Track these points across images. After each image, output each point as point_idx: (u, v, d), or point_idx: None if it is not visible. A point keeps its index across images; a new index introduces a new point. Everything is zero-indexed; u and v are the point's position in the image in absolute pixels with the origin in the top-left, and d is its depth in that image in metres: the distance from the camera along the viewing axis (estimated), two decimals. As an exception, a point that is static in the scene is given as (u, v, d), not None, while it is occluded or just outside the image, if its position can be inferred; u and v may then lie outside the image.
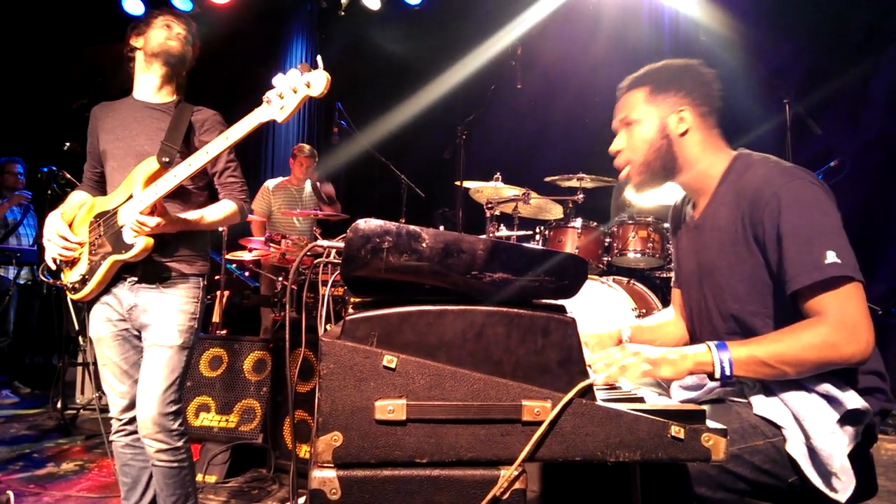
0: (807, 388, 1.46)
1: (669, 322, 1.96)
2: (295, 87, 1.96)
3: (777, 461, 1.45)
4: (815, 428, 1.40)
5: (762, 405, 1.48)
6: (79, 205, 2.32)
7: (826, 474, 1.39)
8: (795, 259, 1.42)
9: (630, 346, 1.48)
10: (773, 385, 1.49)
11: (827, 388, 1.45)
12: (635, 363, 1.43)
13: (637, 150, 1.70)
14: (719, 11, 5.32)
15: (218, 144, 2.06)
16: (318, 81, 1.96)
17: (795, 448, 1.42)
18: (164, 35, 2.29)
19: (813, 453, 1.40)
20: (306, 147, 5.65)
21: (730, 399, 1.56)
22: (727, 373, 1.41)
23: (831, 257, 1.39)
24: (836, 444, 1.38)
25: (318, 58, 1.97)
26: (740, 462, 1.43)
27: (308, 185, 5.68)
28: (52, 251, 2.23)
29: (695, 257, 1.73)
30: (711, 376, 1.43)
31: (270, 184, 5.59)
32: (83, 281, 2.20)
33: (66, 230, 2.22)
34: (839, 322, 1.37)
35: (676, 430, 1.09)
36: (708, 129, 1.68)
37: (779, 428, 1.45)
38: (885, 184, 4.67)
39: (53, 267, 2.27)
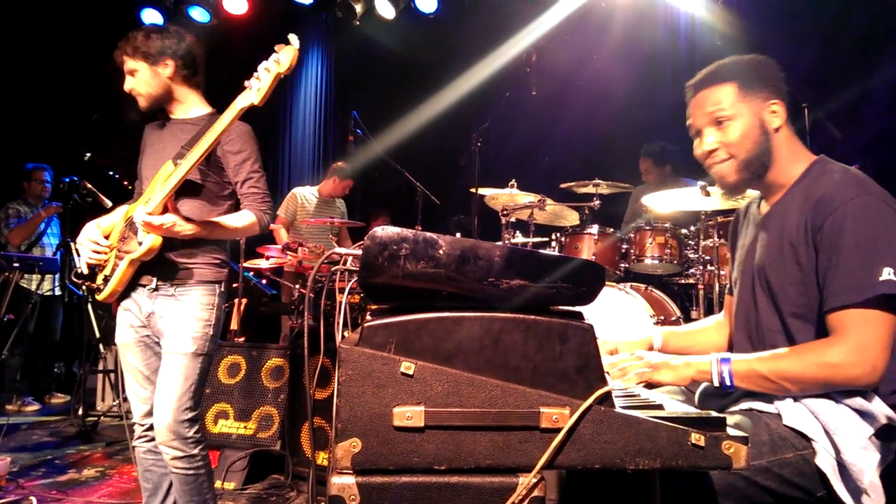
0: (836, 401, 1.44)
1: (709, 328, 1.93)
2: (267, 66, 2.02)
3: (806, 474, 1.41)
4: (845, 442, 1.38)
5: (792, 415, 1.45)
6: (119, 217, 2.39)
7: (856, 490, 1.35)
8: (849, 275, 1.40)
9: (637, 352, 1.52)
10: (804, 398, 1.47)
11: (860, 401, 1.42)
12: (635, 366, 1.48)
13: (738, 146, 1.63)
14: (734, 15, 5.29)
15: (207, 138, 2.11)
16: (284, 57, 2.02)
17: (825, 462, 1.39)
18: (127, 85, 2.35)
19: (843, 468, 1.37)
20: (347, 168, 5.67)
21: (758, 410, 1.53)
22: (727, 383, 1.47)
23: (887, 274, 1.37)
24: (868, 460, 1.35)
25: (292, 35, 2.02)
26: (769, 475, 1.40)
27: (337, 201, 5.75)
28: (84, 256, 2.30)
29: (754, 254, 1.69)
30: (713, 384, 1.48)
31: (305, 191, 5.65)
32: (105, 280, 2.25)
33: (97, 235, 2.29)
34: (854, 345, 1.37)
35: (697, 438, 1.08)
36: (791, 125, 1.66)
37: (808, 440, 1.42)
38: (886, 185, 4.59)
39: (86, 272, 2.32)
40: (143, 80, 2.31)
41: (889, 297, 1.37)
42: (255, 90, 2.03)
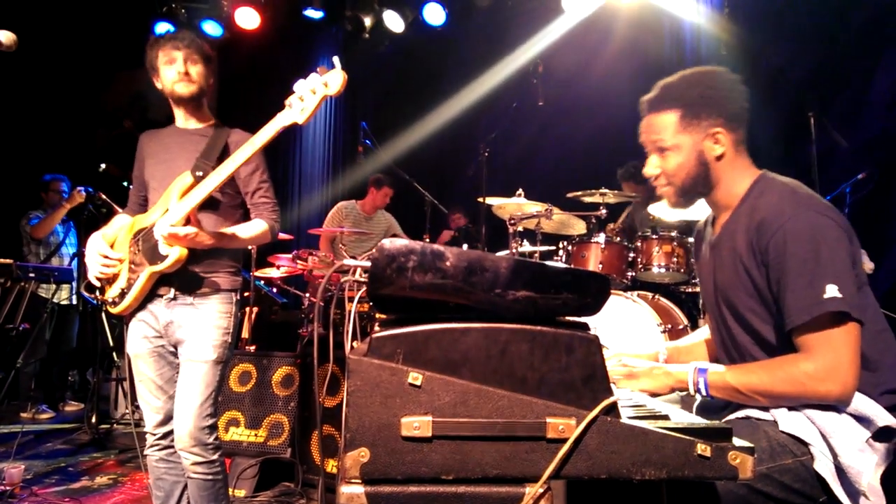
0: (835, 408, 1.45)
1: (703, 342, 1.96)
2: (314, 88, 2.05)
3: (806, 480, 1.43)
4: (842, 446, 1.39)
5: (788, 422, 1.47)
6: (120, 227, 2.40)
7: (854, 493, 1.37)
8: (796, 295, 1.43)
9: (624, 358, 1.60)
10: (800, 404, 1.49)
11: (856, 406, 1.43)
12: (617, 372, 1.60)
13: (675, 177, 1.69)
14: (739, 24, 5.30)
15: (244, 151, 2.13)
16: (334, 80, 2.04)
17: (823, 466, 1.40)
18: (170, 78, 2.34)
19: (841, 472, 1.39)
20: (383, 178, 5.69)
21: (756, 417, 1.55)
22: (703, 393, 1.55)
23: (831, 291, 1.39)
24: (865, 463, 1.37)
25: (335, 58, 2.05)
26: (770, 481, 1.41)
27: (381, 216, 5.77)
28: (94, 270, 2.31)
29: (712, 276, 1.73)
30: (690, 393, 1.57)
31: (347, 205, 5.69)
32: (122, 294, 2.28)
33: (105, 248, 2.30)
34: (822, 362, 1.40)
35: (703, 448, 1.09)
36: (737, 146, 1.67)
37: (806, 445, 1.44)
38: (887, 184, 4.58)
39: (98, 285, 2.35)
40: (201, 73, 2.35)
41: (839, 313, 1.39)
42: (300, 110, 2.06)
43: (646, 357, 1.87)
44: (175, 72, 2.32)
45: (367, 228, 5.59)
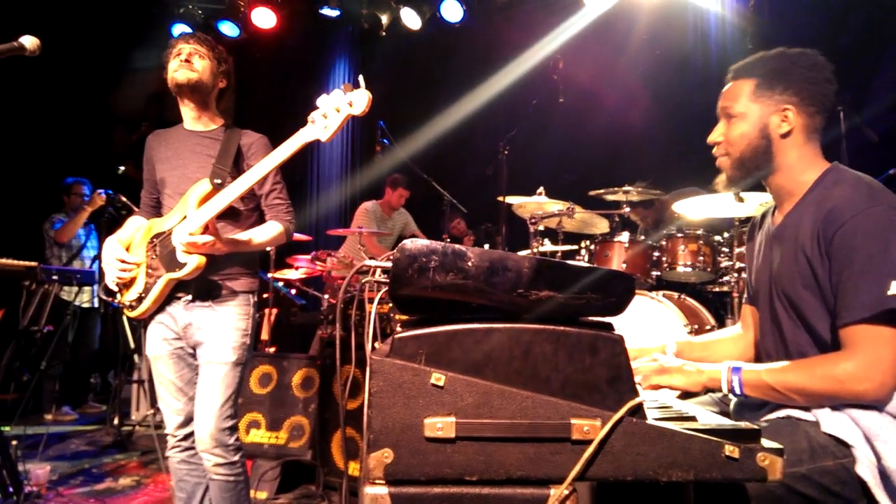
0: (877, 407, 1.41)
1: (726, 339, 1.92)
2: (338, 106, 2.03)
3: (847, 483, 1.38)
4: (887, 449, 1.35)
5: (830, 422, 1.42)
6: (136, 229, 2.41)
7: None
8: (859, 290, 1.39)
9: (655, 354, 1.55)
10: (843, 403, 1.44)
11: None
12: (648, 368, 1.53)
13: (734, 145, 1.66)
14: (764, 17, 5.21)
15: (265, 164, 2.12)
16: (360, 100, 2.01)
17: (865, 470, 1.36)
18: (171, 67, 2.32)
19: (884, 476, 1.34)
20: (399, 178, 5.73)
21: (797, 417, 1.51)
22: (737, 392, 1.50)
23: (895, 288, 1.35)
24: None
25: (360, 77, 2.03)
26: (809, 483, 1.37)
27: (398, 216, 5.79)
28: (111, 274, 2.31)
29: (770, 266, 1.68)
30: (723, 392, 1.52)
31: (370, 205, 5.73)
32: (139, 299, 2.28)
33: (122, 253, 2.31)
34: (863, 360, 1.36)
35: (731, 450, 1.07)
36: (810, 132, 1.62)
37: (848, 447, 1.39)
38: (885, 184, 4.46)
39: (115, 289, 2.36)
40: (205, 67, 2.32)
41: None
42: (323, 128, 2.06)
43: (652, 351, 1.83)
44: (178, 59, 2.30)
45: (385, 228, 5.60)
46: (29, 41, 1.84)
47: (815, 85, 1.61)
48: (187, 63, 2.29)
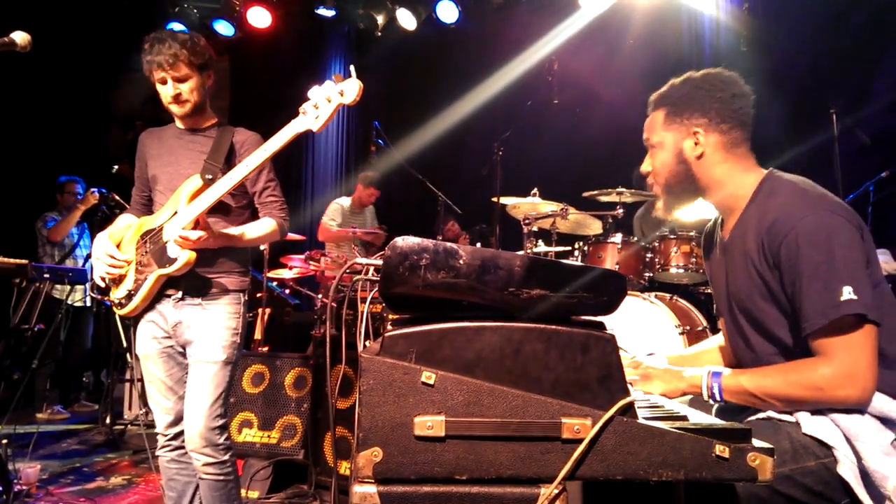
0: (860, 410, 1.41)
1: (713, 349, 1.93)
2: (329, 96, 2.02)
3: (829, 483, 1.39)
4: (867, 449, 1.36)
5: (811, 424, 1.43)
6: (126, 226, 2.40)
7: (879, 497, 1.33)
8: (812, 300, 1.40)
9: (638, 357, 1.57)
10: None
11: (880, 407, 1.40)
12: (629, 373, 1.54)
13: (659, 174, 1.73)
14: (758, 20, 5.23)
15: (257, 156, 2.11)
16: (350, 89, 2.01)
17: (847, 469, 1.37)
18: (164, 98, 2.28)
19: (865, 475, 1.35)
20: (370, 176, 5.74)
21: (778, 418, 1.52)
22: (717, 398, 1.51)
23: (847, 293, 1.36)
24: (890, 467, 1.33)
25: (351, 67, 2.03)
26: (792, 484, 1.38)
27: (367, 212, 5.80)
28: (100, 269, 2.30)
29: (724, 280, 1.70)
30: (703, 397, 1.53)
31: (342, 200, 5.76)
32: (129, 296, 2.27)
33: (112, 249, 2.29)
34: (839, 366, 1.37)
35: (721, 449, 1.07)
36: (730, 147, 1.64)
37: (829, 448, 1.40)
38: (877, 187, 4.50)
39: (103, 285, 2.35)
40: (194, 87, 2.27)
41: (856, 315, 1.36)
42: (314, 118, 2.04)
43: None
44: (167, 94, 2.26)
45: (357, 223, 5.60)
46: (20, 37, 1.83)
47: (722, 103, 1.63)
48: (177, 98, 2.26)
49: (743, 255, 1.59)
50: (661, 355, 1.88)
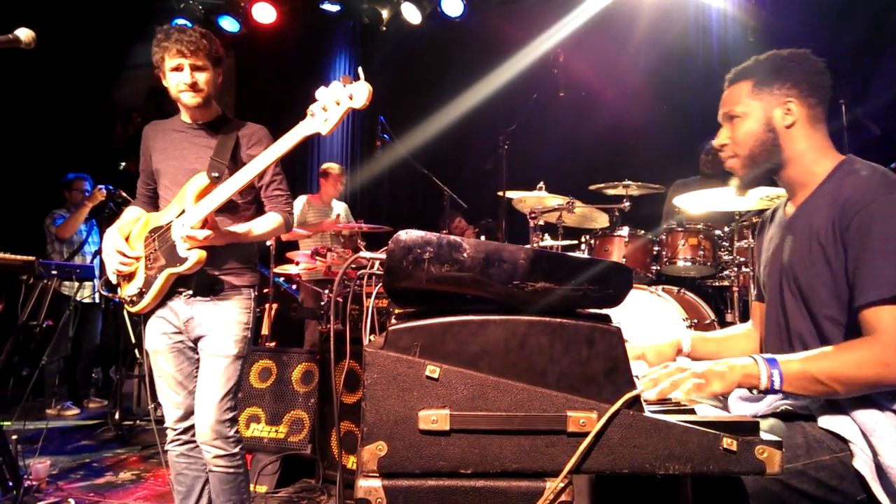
0: (872, 402, 1.39)
1: (739, 335, 1.89)
2: (338, 99, 2.00)
3: (844, 478, 1.37)
4: (883, 444, 1.33)
5: (827, 417, 1.42)
6: (134, 220, 2.40)
7: (894, 494, 1.31)
8: (877, 272, 1.37)
9: (679, 362, 1.46)
10: (840, 399, 1.42)
11: None
12: (685, 378, 1.30)
13: (742, 144, 1.66)
14: (766, 10, 5.18)
15: (265, 158, 2.10)
16: (360, 93, 1.99)
17: (863, 464, 1.35)
18: (175, 85, 2.26)
19: (881, 471, 1.33)
20: (337, 167, 5.69)
21: (792, 412, 1.50)
22: (776, 387, 1.35)
23: None
24: None
25: (360, 70, 2.01)
26: (805, 478, 1.36)
27: (337, 206, 5.72)
28: (112, 266, 2.31)
29: (781, 256, 1.65)
30: (759, 389, 1.37)
31: (304, 198, 5.66)
32: (140, 294, 2.28)
33: (123, 245, 2.30)
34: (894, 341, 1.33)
35: (728, 443, 1.06)
36: (815, 123, 1.63)
37: (846, 442, 1.38)
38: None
39: (115, 281, 2.35)
40: (209, 80, 2.28)
41: None
42: (323, 121, 2.02)
43: (667, 347, 1.81)
44: (181, 82, 2.25)
45: (329, 217, 5.54)
46: (24, 33, 1.83)
47: (811, 76, 1.62)
48: (193, 87, 2.25)
49: (808, 230, 1.55)
50: (685, 336, 1.83)
